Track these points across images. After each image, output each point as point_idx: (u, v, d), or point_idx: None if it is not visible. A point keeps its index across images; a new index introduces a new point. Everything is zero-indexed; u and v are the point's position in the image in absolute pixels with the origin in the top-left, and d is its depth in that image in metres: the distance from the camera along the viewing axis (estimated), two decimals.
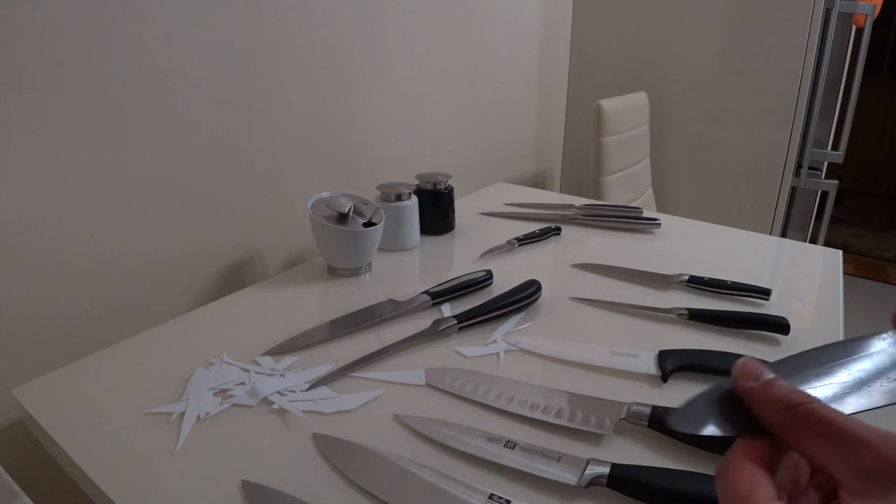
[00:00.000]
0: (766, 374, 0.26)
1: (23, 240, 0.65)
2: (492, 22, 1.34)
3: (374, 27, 1.03)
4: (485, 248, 0.90)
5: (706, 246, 0.96)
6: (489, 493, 0.44)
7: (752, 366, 0.26)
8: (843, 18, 1.49)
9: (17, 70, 0.61)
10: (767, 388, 0.25)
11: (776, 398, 0.25)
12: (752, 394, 0.26)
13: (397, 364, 0.62)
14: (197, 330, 0.69)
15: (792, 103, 1.48)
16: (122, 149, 0.72)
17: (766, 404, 0.25)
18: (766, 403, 0.25)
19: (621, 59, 1.68)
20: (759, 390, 0.25)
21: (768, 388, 0.25)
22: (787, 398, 0.24)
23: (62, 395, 0.56)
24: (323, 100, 0.97)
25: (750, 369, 0.26)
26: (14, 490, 0.40)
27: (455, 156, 1.32)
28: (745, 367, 0.26)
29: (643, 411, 0.50)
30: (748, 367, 0.26)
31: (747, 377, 0.26)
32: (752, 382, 0.26)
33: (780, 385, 0.25)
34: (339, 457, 0.48)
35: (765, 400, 0.25)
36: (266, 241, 0.93)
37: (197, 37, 0.77)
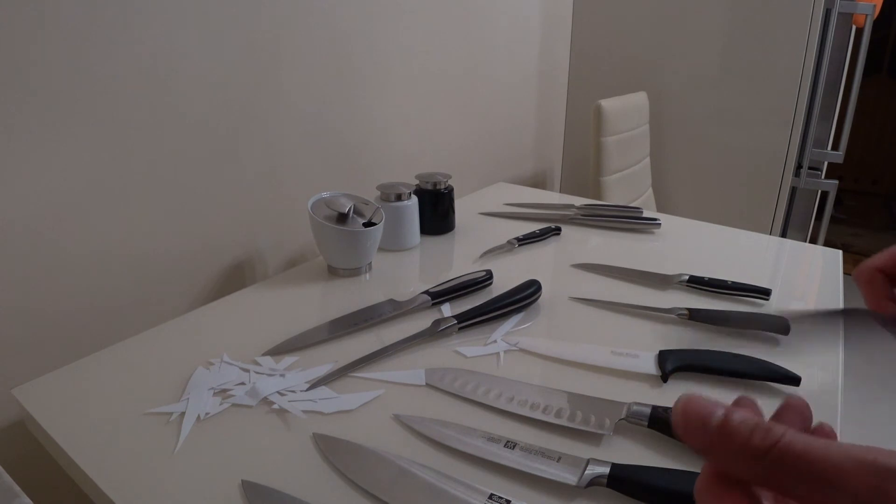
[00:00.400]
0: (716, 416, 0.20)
1: (23, 239, 0.65)
2: (492, 22, 1.34)
3: (374, 27, 1.03)
4: (485, 248, 0.90)
5: (706, 246, 0.96)
6: (489, 493, 0.44)
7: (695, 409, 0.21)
8: (843, 18, 1.49)
9: (16, 70, 0.61)
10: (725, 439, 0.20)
11: (738, 449, 0.20)
12: (708, 448, 0.20)
13: (397, 364, 0.62)
14: (197, 330, 0.69)
15: (792, 103, 1.48)
16: (122, 149, 0.72)
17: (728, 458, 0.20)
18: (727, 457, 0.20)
19: (621, 59, 1.68)
20: (716, 444, 0.20)
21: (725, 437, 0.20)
22: (751, 447, 0.19)
23: (62, 395, 0.56)
24: (323, 100, 0.97)
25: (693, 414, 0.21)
26: (14, 490, 0.40)
27: (455, 156, 1.32)
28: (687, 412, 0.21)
29: (643, 411, 0.50)
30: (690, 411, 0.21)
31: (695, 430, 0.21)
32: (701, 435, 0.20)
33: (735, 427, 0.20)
34: (339, 457, 0.48)
35: (725, 454, 0.20)
36: (266, 241, 0.93)
37: (197, 37, 0.77)
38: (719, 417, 0.20)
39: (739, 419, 0.20)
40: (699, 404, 0.21)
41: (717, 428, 0.20)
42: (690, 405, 0.21)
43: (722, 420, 0.20)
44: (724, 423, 0.20)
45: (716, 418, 0.20)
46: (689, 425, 0.21)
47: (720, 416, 0.20)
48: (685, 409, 0.21)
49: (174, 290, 0.82)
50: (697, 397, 0.21)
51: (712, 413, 0.20)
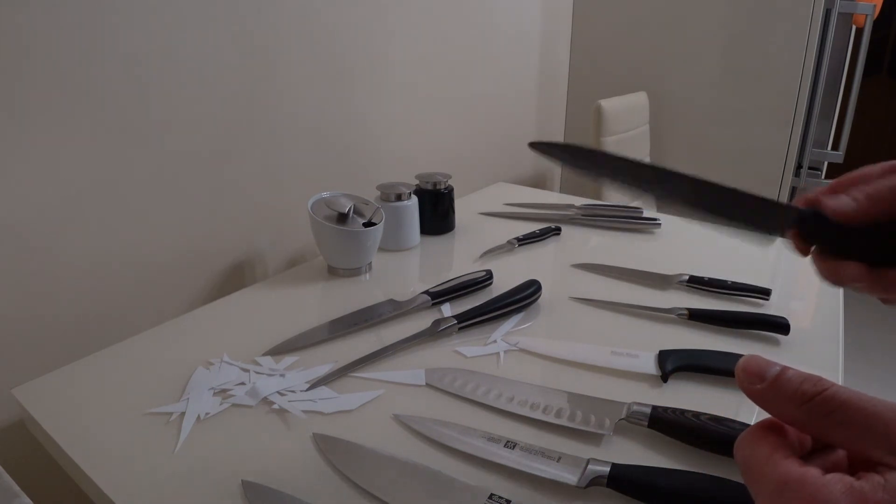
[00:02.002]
0: (772, 371, 0.24)
1: (23, 240, 0.65)
2: (492, 22, 1.34)
3: (374, 27, 1.03)
4: (485, 248, 0.90)
5: (706, 246, 0.96)
6: (489, 493, 0.44)
7: (754, 365, 0.25)
8: (843, 18, 1.49)
9: (16, 71, 0.61)
10: (776, 387, 0.24)
11: (788, 395, 0.23)
12: (763, 396, 0.24)
13: (397, 364, 0.62)
14: (197, 330, 0.69)
15: (792, 103, 1.48)
16: (122, 149, 0.72)
17: (779, 404, 0.24)
18: (778, 403, 0.24)
19: (621, 59, 1.68)
20: (768, 391, 0.24)
21: (777, 386, 0.24)
22: (799, 392, 0.23)
23: (62, 395, 0.56)
24: (323, 100, 0.97)
25: (752, 370, 0.24)
26: (14, 490, 0.40)
27: (455, 156, 1.32)
28: (747, 369, 0.25)
29: (643, 411, 0.50)
30: (750, 368, 0.25)
31: (752, 379, 0.24)
32: (758, 384, 0.24)
33: (788, 378, 0.24)
34: (339, 457, 0.48)
35: (776, 400, 0.24)
36: (266, 241, 0.93)
37: (197, 38, 0.77)
38: (775, 371, 0.24)
39: (793, 372, 0.24)
40: (758, 361, 0.25)
41: (773, 378, 0.24)
42: (751, 361, 0.25)
43: (778, 373, 0.24)
44: (779, 374, 0.24)
45: (772, 371, 0.24)
46: (749, 376, 0.24)
47: (776, 370, 0.24)
48: (746, 365, 0.25)
49: (174, 290, 0.82)
50: (757, 357, 0.25)
51: (769, 367, 0.24)
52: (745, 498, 0.43)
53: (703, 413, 0.49)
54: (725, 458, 0.47)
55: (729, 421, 0.48)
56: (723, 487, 0.43)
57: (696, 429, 0.48)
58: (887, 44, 3.60)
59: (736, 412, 0.51)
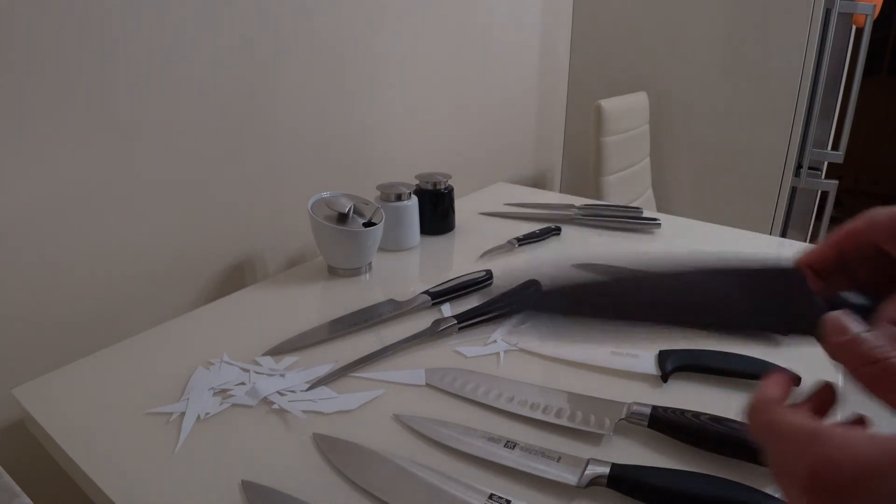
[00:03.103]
0: (853, 329, 0.27)
1: (23, 240, 0.65)
2: (492, 21, 1.34)
3: (374, 27, 1.03)
4: (485, 248, 0.90)
5: (706, 246, 0.96)
6: (489, 493, 0.44)
7: (841, 321, 0.27)
8: (843, 18, 1.49)
9: (15, 71, 0.61)
10: (854, 344, 0.26)
11: (860, 353, 0.26)
12: (841, 348, 0.27)
13: (397, 364, 0.62)
14: (197, 330, 0.69)
15: (792, 103, 1.48)
16: (122, 149, 0.72)
17: (852, 359, 0.26)
18: (852, 358, 0.26)
19: (621, 59, 1.68)
20: (846, 345, 0.27)
21: (855, 343, 0.26)
22: (869, 353, 0.26)
23: (62, 395, 0.56)
24: (323, 100, 0.97)
25: (838, 325, 0.27)
26: (14, 490, 0.40)
27: (455, 156, 1.32)
28: (833, 324, 0.28)
29: (643, 411, 0.50)
30: (835, 322, 0.27)
31: (837, 332, 0.27)
32: (841, 337, 0.27)
33: (863, 339, 0.26)
34: (339, 457, 0.48)
35: (850, 355, 0.26)
36: (266, 241, 0.93)
37: (197, 38, 0.77)
38: (857, 329, 0.27)
39: (868, 336, 0.26)
40: (845, 318, 0.27)
41: (851, 337, 0.26)
42: (839, 316, 0.28)
43: (856, 334, 0.26)
44: (856, 335, 0.26)
45: (854, 329, 0.27)
46: (833, 329, 0.27)
47: (858, 329, 0.27)
48: (832, 318, 0.28)
49: (174, 290, 0.82)
50: (845, 314, 0.28)
51: (852, 326, 0.27)
52: (744, 498, 0.43)
53: (703, 413, 0.49)
54: (725, 458, 0.47)
55: (729, 421, 0.48)
56: (723, 487, 0.43)
57: (696, 429, 0.48)
58: (887, 44, 3.60)
59: (736, 412, 0.51)
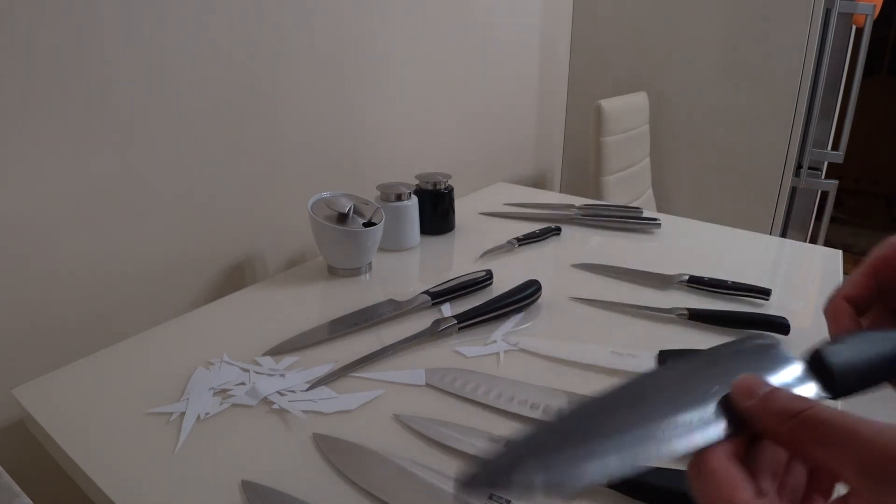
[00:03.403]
0: (764, 388, 0.25)
1: (23, 240, 0.65)
2: (492, 22, 1.34)
3: (375, 27, 1.03)
4: (485, 248, 0.90)
5: (706, 246, 0.96)
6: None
7: (747, 383, 0.26)
8: (843, 18, 1.49)
9: (14, 71, 0.61)
10: (766, 402, 0.25)
11: (776, 410, 0.25)
12: (752, 411, 0.25)
13: (397, 364, 0.62)
14: (197, 330, 0.69)
15: (792, 103, 1.48)
16: (122, 150, 0.72)
17: (767, 418, 0.25)
18: (766, 417, 0.25)
19: (621, 59, 1.68)
20: (757, 406, 0.25)
21: (767, 401, 0.25)
22: (786, 408, 0.24)
23: (62, 395, 0.56)
24: (323, 100, 0.97)
25: (744, 387, 0.26)
26: (14, 490, 0.40)
27: (455, 156, 1.32)
28: (741, 386, 0.26)
29: None
30: (742, 385, 0.26)
31: (745, 396, 0.26)
32: (749, 401, 0.25)
33: (778, 396, 0.25)
34: (339, 457, 0.48)
35: (764, 414, 0.25)
36: (266, 241, 0.93)
37: (197, 38, 0.77)
38: (766, 389, 0.25)
39: (783, 391, 0.25)
40: (751, 379, 0.26)
41: (764, 395, 0.25)
42: (744, 379, 0.26)
43: (768, 391, 0.25)
44: (769, 392, 0.25)
45: (763, 389, 0.25)
46: (740, 393, 0.26)
47: (767, 388, 0.25)
48: (739, 382, 0.26)
49: (174, 290, 0.82)
50: (750, 375, 0.27)
51: (761, 386, 0.26)
52: None
53: None
54: None
55: None
56: None
57: None
58: (887, 44, 3.60)
59: None
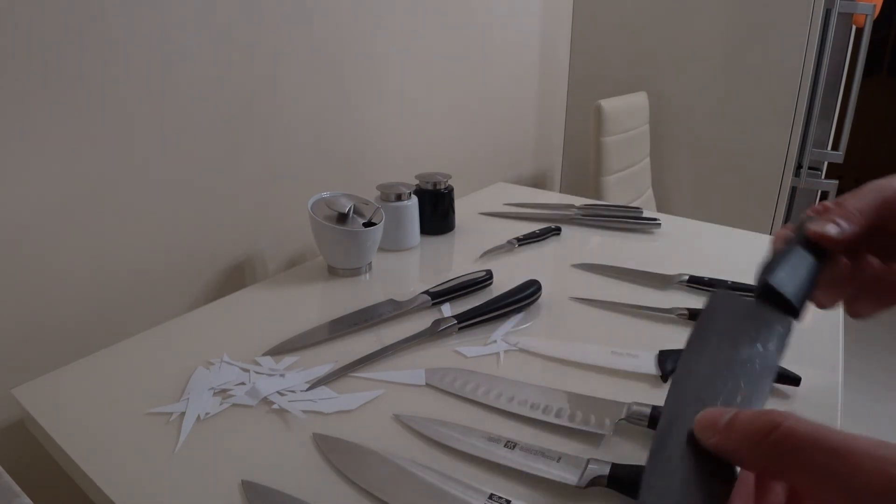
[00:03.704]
0: (724, 418, 0.23)
1: (23, 240, 0.65)
2: (492, 22, 1.34)
3: (374, 27, 1.03)
4: (485, 248, 0.90)
5: (706, 246, 0.96)
6: (489, 493, 0.44)
7: (707, 418, 0.24)
8: (843, 18, 1.49)
9: (13, 70, 0.61)
10: (729, 432, 0.23)
11: (741, 439, 0.22)
12: (718, 447, 0.23)
13: (397, 364, 0.62)
14: (197, 330, 0.69)
15: (792, 103, 1.48)
16: (122, 150, 0.72)
17: (734, 448, 0.23)
18: (733, 447, 0.23)
19: (621, 59, 1.68)
20: (722, 440, 0.23)
21: (729, 431, 0.23)
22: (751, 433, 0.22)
23: (62, 395, 0.56)
24: (323, 100, 0.97)
25: (705, 423, 0.24)
26: (14, 490, 0.40)
27: (455, 156, 1.32)
28: (701, 424, 0.24)
29: (643, 411, 0.50)
30: (703, 422, 0.24)
31: (708, 433, 0.23)
32: (713, 437, 0.23)
33: (739, 421, 0.23)
34: (339, 457, 0.48)
35: (730, 444, 0.23)
36: (266, 241, 0.93)
37: (197, 38, 0.77)
38: (726, 418, 0.23)
39: (744, 414, 0.22)
40: (711, 413, 0.24)
41: (725, 426, 0.23)
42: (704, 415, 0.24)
43: (728, 419, 0.23)
44: (730, 421, 0.23)
45: (723, 419, 0.23)
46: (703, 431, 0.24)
47: (727, 416, 0.23)
48: (700, 420, 0.24)
49: (174, 290, 0.82)
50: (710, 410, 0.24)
51: (721, 416, 0.23)
52: None
53: None
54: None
55: None
56: None
57: None
58: (887, 44, 3.60)
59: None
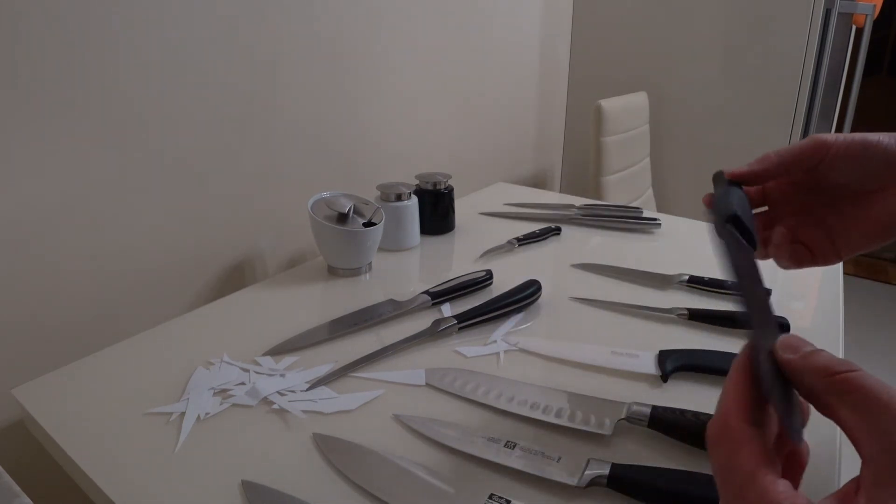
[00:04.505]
0: (808, 348, 0.26)
1: (23, 240, 0.65)
2: (492, 22, 1.34)
3: (375, 27, 1.03)
4: (485, 248, 0.90)
5: (706, 246, 0.96)
6: (489, 493, 0.44)
7: (793, 340, 0.27)
8: (843, 18, 1.49)
9: (13, 70, 0.61)
10: (808, 359, 0.25)
11: (815, 367, 0.25)
12: (791, 364, 0.26)
13: (397, 364, 0.62)
14: (197, 330, 0.69)
15: (792, 103, 1.48)
16: (122, 149, 0.72)
17: (806, 373, 0.25)
18: (805, 372, 0.25)
19: (621, 59, 1.68)
20: (798, 361, 0.25)
21: (809, 358, 0.25)
22: (827, 366, 0.24)
23: (62, 395, 0.56)
24: (323, 100, 0.97)
25: (790, 343, 0.26)
26: (14, 490, 0.40)
27: (455, 156, 1.32)
28: (786, 341, 0.27)
29: (643, 411, 0.50)
30: (788, 341, 0.27)
31: (787, 350, 0.26)
32: (792, 355, 0.26)
33: (821, 355, 0.25)
34: (339, 457, 0.48)
35: (804, 369, 0.25)
36: (266, 241, 0.93)
37: (197, 38, 0.77)
38: (811, 348, 0.26)
39: (826, 354, 0.25)
40: (798, 339, 0.27)
41: (806, 353, 0.26)
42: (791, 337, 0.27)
43: (813, 350, 0.26)
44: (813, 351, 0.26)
45: (808, 348, 0.26)
46: (785, 348, 0.26)
47: (812, 347, 0.26)
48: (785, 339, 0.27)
49: (174, 290, 0.82)
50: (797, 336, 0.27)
51: (806, 344, 0.26)
52: None
53: (702, 413, 0.49)
54: None
55: None
56: None
57: (696, 429, 0.48)
58: (887, 44, 3.59)
59: None
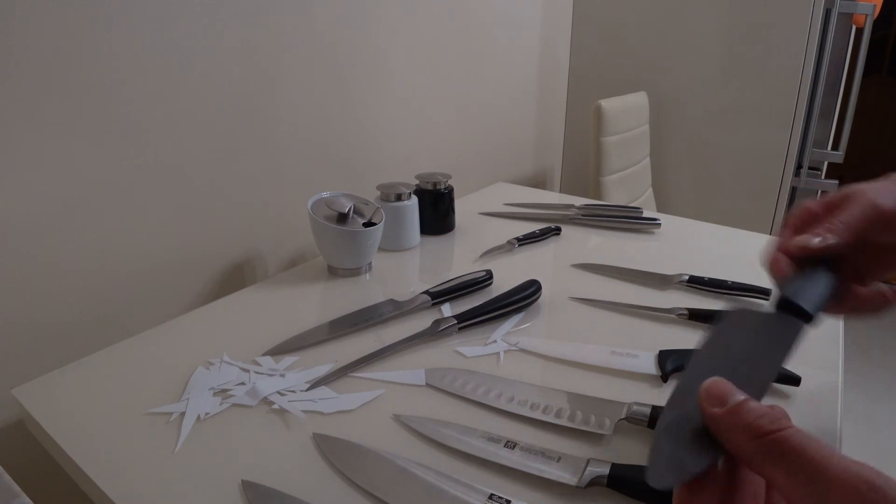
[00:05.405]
0: (735, 397, 0.24)
1: (23, 240, 0.65)
2: (492, 22, 1.34)
3: (375, 27, 1.03)
4: (485, 248, 0.90)
5: (706, 246, 0.96)
6: (489, 493, 0.44)
7: (718, 388, 0.24)
8: (843, 18, 1.49)
9: (13, 69, 0.61)
10: (734, 415, 0.23)
11: (743, 426, 0.23)
12: (719, 421, 0.23)
13: (397, 364, 0.62)
14: (197, 330, 0.69)
15: (792, 103, 1.48)
16: (122, 149, 0.72)
17: (734, 433, 0.23)
18: (733, 431, 0.23)
19: (621, 59, 1.68)
20: (725, 417, 0.23)
21: (735, 414, 0.23)
22: (755, 426, 0.22)
23: (62, 395, 0.56)
24: (323, 100, 0.97)
25: (716, 392, 0.24)
26: (14, 490, 0.40)
27: (455, 156, 1.32)
28: (711, 390, 0.24)
29: (643, 411, 0.50)
30: (714, 389, 0.24)
31: (713, 401, 0.24)
32: (717, 408, 0.24)
33: (748, 409, 0.23)
34: (339, 457, 0.48)
35: (732, 428, 0.23)
36: (266, 241, 0.93)
37: (197, 37, 0.77)
38: (738, 398, 0.23)
39: (754, 404, 0.23)
40: (724, 385, 0.24)
41: (734, 406, 0.23)
42: (716, 383, 0.24)
43: (739, 401, 0.23)
44: (740, 403, 0.23)
45: (734, 398, 0.23)
46: (710, 398, 0.24)
47: (739, 398, 0.23)
48: (710, 386, 0.24)
49: (174, 290, 0.82)
50: (723, 381, 0.24)
51: (733, 394, 0.24)
52: None
53: None
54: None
55: None
56: None
57: None
58: (887, 44, 3.59)
59: None
